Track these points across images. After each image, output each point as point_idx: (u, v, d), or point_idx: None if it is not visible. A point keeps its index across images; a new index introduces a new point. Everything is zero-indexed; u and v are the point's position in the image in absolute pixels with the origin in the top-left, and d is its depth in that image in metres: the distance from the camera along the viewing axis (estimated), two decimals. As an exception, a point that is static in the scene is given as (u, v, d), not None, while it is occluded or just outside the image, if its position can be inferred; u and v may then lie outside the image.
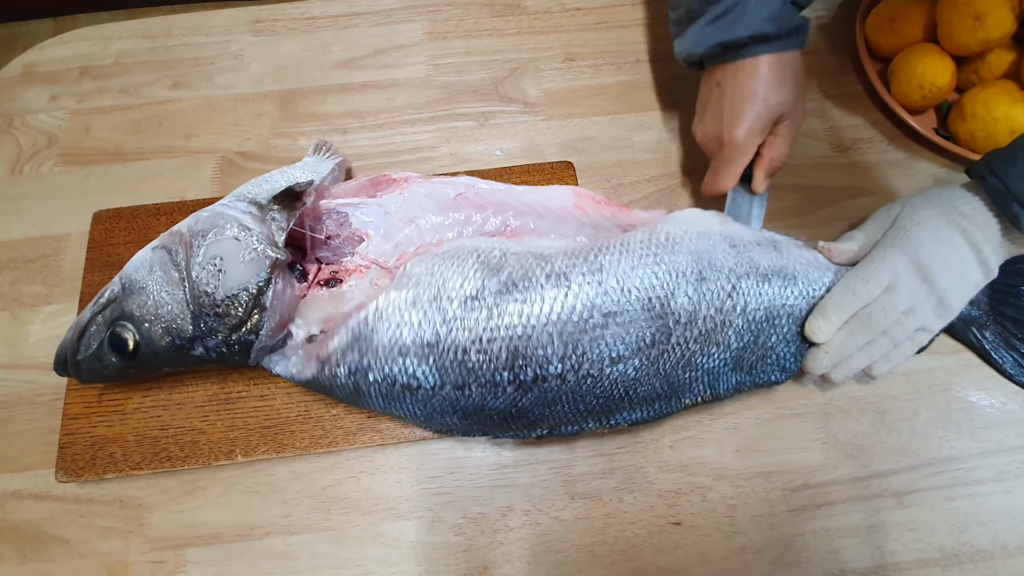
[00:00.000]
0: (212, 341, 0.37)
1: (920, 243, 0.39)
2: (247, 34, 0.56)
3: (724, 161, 0.43)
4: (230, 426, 0.41)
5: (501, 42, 0.55)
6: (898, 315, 0.38)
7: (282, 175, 0.42)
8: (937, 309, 0.39)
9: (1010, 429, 0.42)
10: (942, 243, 0.39)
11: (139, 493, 0.41)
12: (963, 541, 0.40)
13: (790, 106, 0.42)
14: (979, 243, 0.39)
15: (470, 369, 0.36)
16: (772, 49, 0.40)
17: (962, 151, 0.48)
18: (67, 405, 0.42)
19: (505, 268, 0.37)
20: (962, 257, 0.39)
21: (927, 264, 0.38)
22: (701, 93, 0.45)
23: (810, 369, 0.39)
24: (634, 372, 0.37)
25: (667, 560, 0.39)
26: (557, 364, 0.36)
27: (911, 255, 0.39)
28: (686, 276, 0.38)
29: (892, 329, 0.39)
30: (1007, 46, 0.48)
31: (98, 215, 0.47)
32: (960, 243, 0.39)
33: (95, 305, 0.38)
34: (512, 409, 0.37)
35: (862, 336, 0.38)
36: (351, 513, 0.40)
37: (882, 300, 0.39)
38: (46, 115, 0.53)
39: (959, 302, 0.40)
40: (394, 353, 0.36)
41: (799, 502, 0.41)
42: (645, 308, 0.37)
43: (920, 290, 0.39)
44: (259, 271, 0.36)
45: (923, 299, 0.39)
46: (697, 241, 0.39)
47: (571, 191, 0.43)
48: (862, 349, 0.39)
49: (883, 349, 0.39)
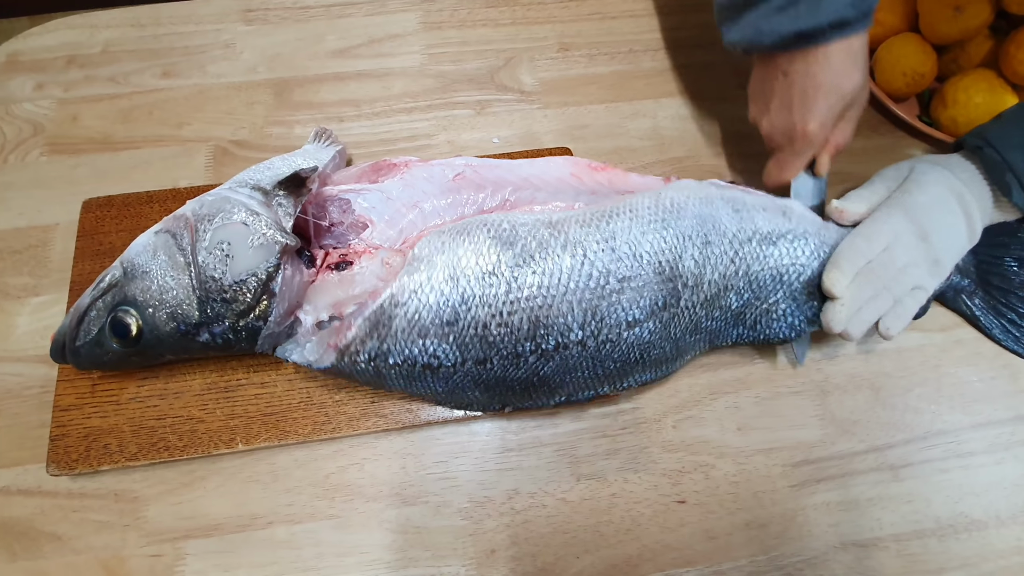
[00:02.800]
0: (219, 327, 0.36)
1: (921, 207, 0.41)
2: (239, 23, 0.55)
3: (796, 155, 0.43)
4: (230, 414, 0.40)
5: (496, 32, 0.56)
6: (896, 270, 0.40)
7: (283, 162, 0.42)
8: (932, 268, 0.41)
9: (999, 402, 0.44)
10: (941, 208, 0.41)
11: (135, 485, 0.40)
12: (958, 512, 0.41)
13: (861, 92, 0.41)
14: (971, 210, 0.41)
15: (491, 343, 0.36)
16: (849, 34, 0.38)
17: (944, 137, 0.50)
18: (58, 396, 0.40)
19: (518, 240, 0.37)
20: (956, 222, 0.41)
21: (926, 226, 0.40)
22: (761, 80, 0.43)
23: (830, 322, 0.39)
24: (648, 335, 0.38)
25: (673, 538, 0.40)
26: (578, 331, 0.36)
27: (912, 216, 0.41)
28: (692, 240, 0.38)
29: (892, 284, 0.40)
30: (985, 35, 0.50)
31: (88, 203, 0.46)
32: (956, 209, 0.41)
33: (95, 290, 0.37)
34: (534, 378, 0.38)
35: (868, 289, 0.39)
36: (355, 500, 0.40)
37: (883, 256, 0.40)
38: (32, 104, 0.51)
39: (950, 262, 0.42)
40: (414, 336, 0.36)
41: (799, 478, 0.41)
42: (657, 272, 0.37)
43: (918, 249, 0.40)
44: (268, 256, 0.36)
45: (920, 258, 0.40)
46: (701, 206, 0.39)
47: (567, 160, 0.44)
48: (869, 303, 0.39)
49: (887, 303, 0.40)
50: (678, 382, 0.44)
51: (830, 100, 0.40)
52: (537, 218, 0.39)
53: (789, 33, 0.38)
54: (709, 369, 0.44)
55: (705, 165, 0.51)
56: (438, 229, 0.38)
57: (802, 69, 0.39)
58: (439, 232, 0.38)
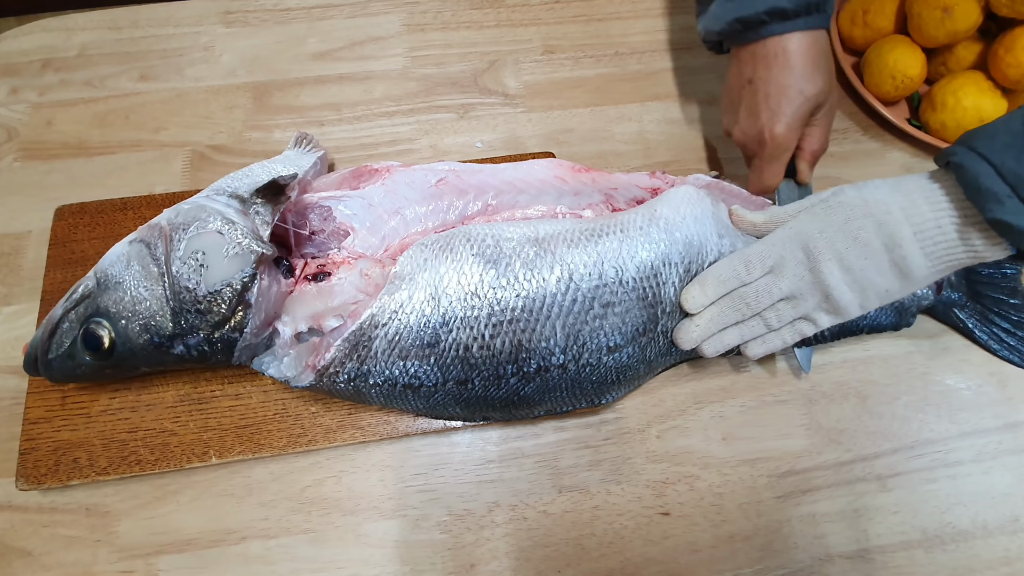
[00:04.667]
0: (193, 339, 0.35)
1: (818, 231, 0.36)
2: (218, 25, 0.54)
3: (768, 160, 0.41)
4: (203, 427, 0.39)
5: (480, 34, 0.55)
6: (775, 301, 0.37)
7: (263, 169, 0.41)
8: (823, 304, 0.37)
9: (986, 411, 0.43)
10: (844, 234, 0.35)
11: (106, 500, 0.39)
12: (945, 522, 0.40)
13: (827, 94, 0.40)
14: (900, 241, 0.34)
15: (472, 365, 0.36)
16: (793, 28, 0.38)
17: (933, 140, 0.49)
18: (28, 409, 0.39)
19: (502, 259, 0.37)
20: (866, 254, 0.35)
21: (816, 254, 0.35)
22: (729, 86, 0.43)
23: (680, 340, 0.38)
24: (627, 359, 0.38)
25: (656, 551, 0.39)
26: (559, 355, 0.36)
27: (803, 241, 0.36)
28: (676, 267, 0.38)
29: (767, 313, 0.37)
30: (973, 38, 0.50)
31: (60, 210, 0.45)
32: (870, 238, 0.35)
33: (67, 301, 0.36)
34: (514, 397, 0.37)
35: (733, 314, 0.37)
36: (332, 514, 0.39)
37: (763, 282, 0.37)
38: (5, 109, 0.50)
39: (852, 302, 0.36)
40: (394, 357, 0.36)
41: (785, 488, 0.41)
42: (640, 298, 0.37)
43: (804, 280, 0.36)
44: (244, 266, 0.35)
45: (806, 290, 0.36)
46: (693, 226, 0.39)
47: (550, 163, 0.43)
48: (735, 327, 0.38)
49: (756, 331, 0.38)
50: (662, 391, 0.43)
51: (794, 103, 0.39)
52: (523, 232, 0.38)
53: (731, 19, 0.39)
54: (694, 378, 0.43)
55: (691, 169, 0.50)
56: (420, 242, 0.37)
57: (764, 75, 0.40)
58: (421, 246, 0.37)
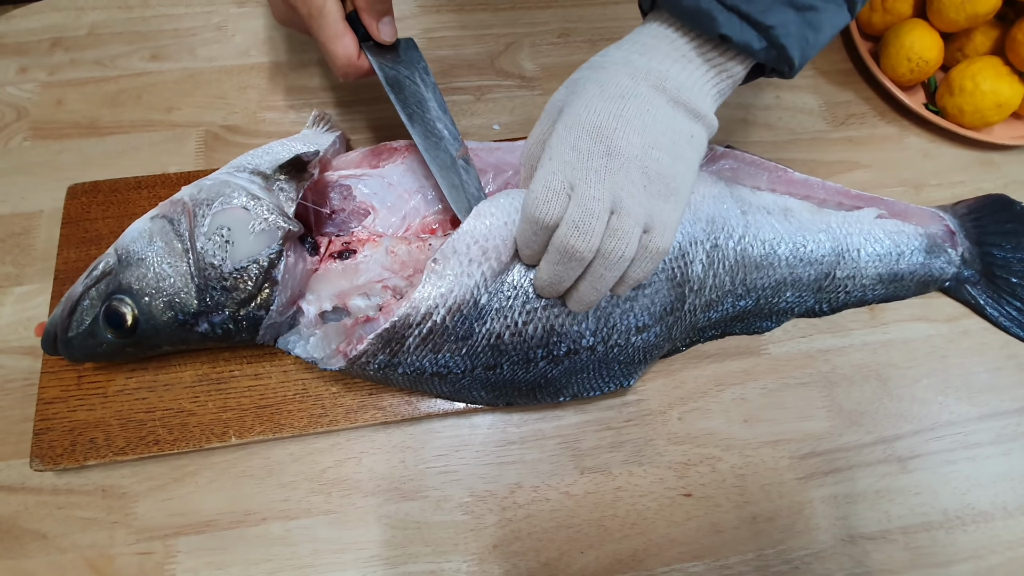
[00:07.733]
0: (218, 317, 0.35)
1: (581, 108, 0.28)
2: (230, 5, 0.53)
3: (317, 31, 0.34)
4: (223, 407, 0.39)
5: (495, 16, 0.54)
6: (603, 226, 0.28)
7: (282, 147, 0.40)
8: (651, 187, 0.28)
9: (1005, 393, 0.43)
10: (611, 98, 0.28)
11: (123, 481, 0.38)
12: (965, 503, 0.40)
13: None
14: (664, 82, 0.28)
15: (503, 351, 0.36)
16: None
17: (950, 125, 0.49)
18: (42, 389, 0.39)
19: None
20: (645, 107, 0.28)
21: (600, 128, 0.27)
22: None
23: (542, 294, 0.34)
24: (654, 338, 0.38)
25: (679, 532, 0.39)
26: (589, 338, 0.36)
27: (577, 129, 0.28)
28: (703, 244, 0.38)
29: (606, 247, 0.29)
30: (991, 24, 0.50)
31: (73, 189, 0.44)
32: (641, 90, 0.28)
33: (87, 278, 0.35)
34: (541, 380, 0.37)
35: (572, 269, 0.30)
36: (353, 495, 0.39)
37: (573, 214, 0.28)
38: (15, 88, 0.49)
39: (672, 167, 0.28)
40: (427, 352, 0.35)
41: (807, 470, 0.41)
42: (669, 278, 0.37)
43: (617, 175, 0.27)
44: (270, 242, 0.34)
45: (623, 184, 0.27)
46: (713, 205, 0.39)
47: None
48: (585, 279, 0.31)
49: (616, 270, 0.30)
50: (683, 373, 0.43)
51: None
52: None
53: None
54: (715, 360, 0.43)
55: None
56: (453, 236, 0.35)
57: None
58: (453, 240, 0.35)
